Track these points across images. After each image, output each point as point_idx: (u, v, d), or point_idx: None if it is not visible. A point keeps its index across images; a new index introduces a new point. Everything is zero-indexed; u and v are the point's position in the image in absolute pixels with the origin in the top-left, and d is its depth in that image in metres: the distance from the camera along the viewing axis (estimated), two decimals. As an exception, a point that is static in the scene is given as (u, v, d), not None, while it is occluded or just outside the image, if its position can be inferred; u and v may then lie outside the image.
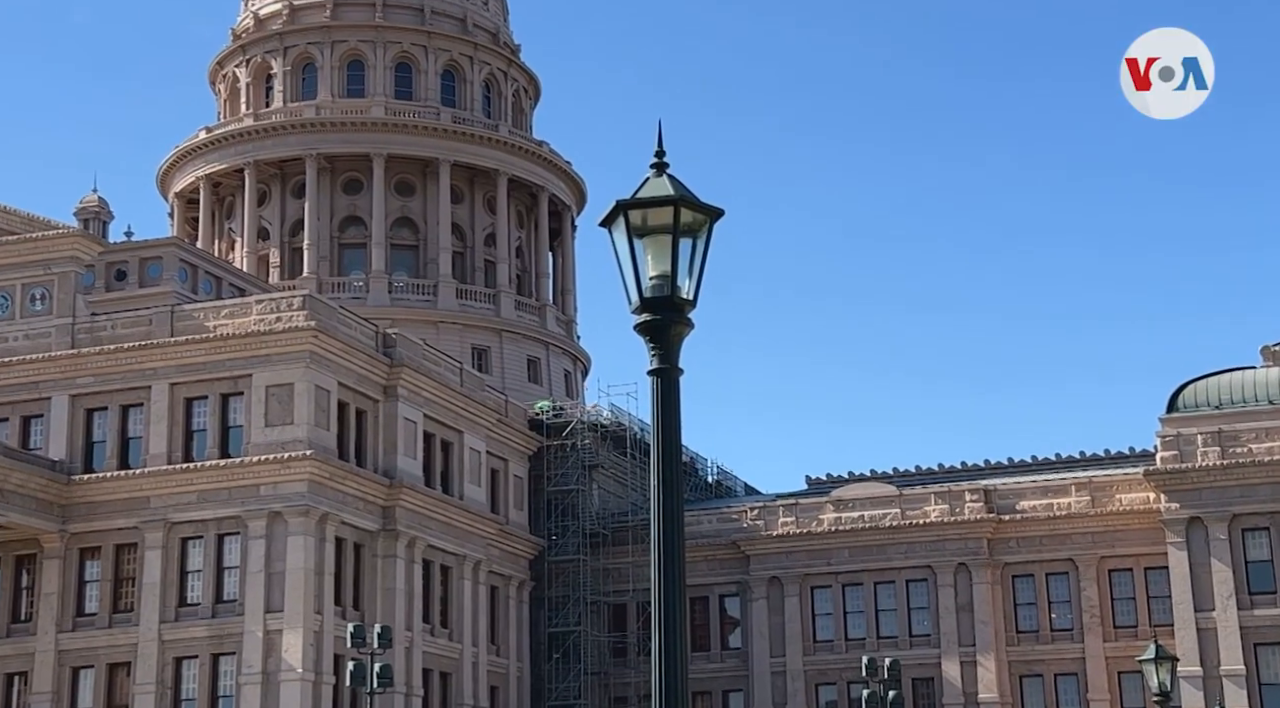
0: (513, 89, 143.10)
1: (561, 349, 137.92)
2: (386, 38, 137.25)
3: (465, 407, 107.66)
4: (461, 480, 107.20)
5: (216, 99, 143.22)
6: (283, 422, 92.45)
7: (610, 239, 18.86)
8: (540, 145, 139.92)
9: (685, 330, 18.81)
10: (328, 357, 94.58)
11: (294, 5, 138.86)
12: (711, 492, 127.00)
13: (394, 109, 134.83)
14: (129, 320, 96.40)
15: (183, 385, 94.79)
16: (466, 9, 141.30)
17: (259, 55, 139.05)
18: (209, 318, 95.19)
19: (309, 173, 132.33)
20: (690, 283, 18.73)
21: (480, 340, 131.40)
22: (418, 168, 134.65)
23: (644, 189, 18.83)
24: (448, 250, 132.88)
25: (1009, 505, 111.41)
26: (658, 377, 18.73)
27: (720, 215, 18.95)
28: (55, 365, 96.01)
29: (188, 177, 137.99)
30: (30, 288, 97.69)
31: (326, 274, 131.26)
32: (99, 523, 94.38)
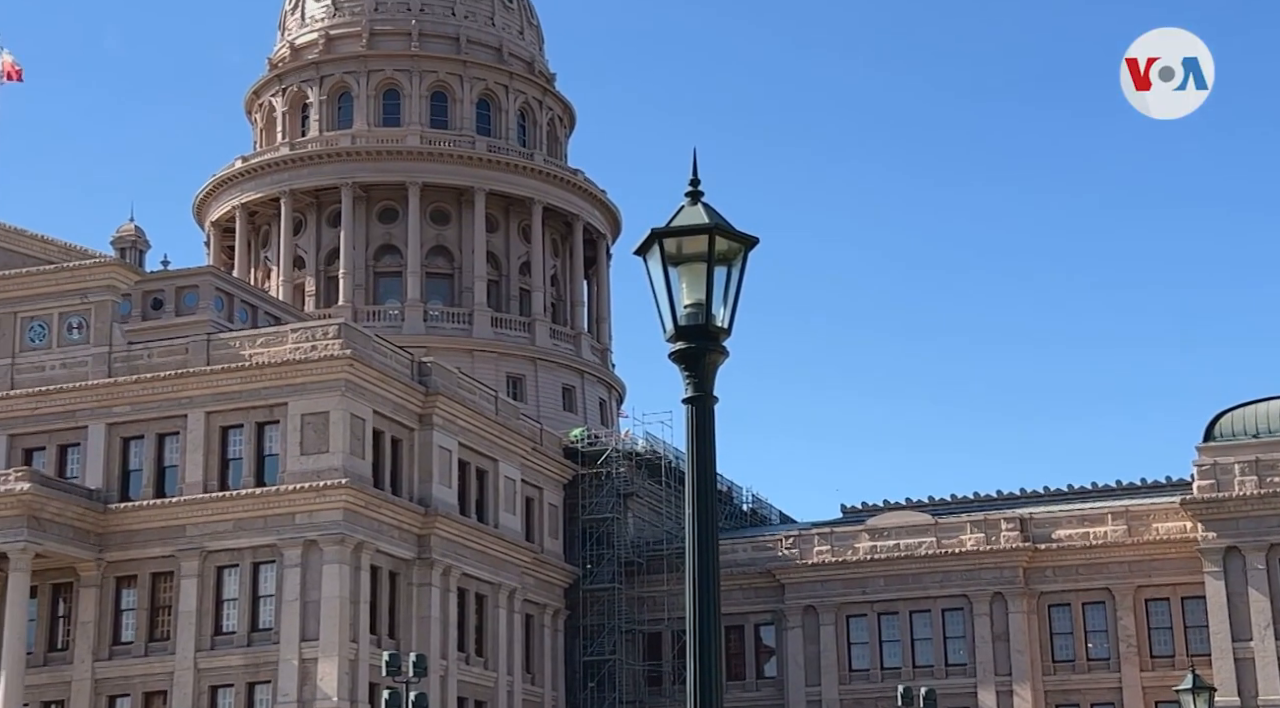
0: (548, 118, 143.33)
1: (596, 377, 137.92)
2: (422, 67, 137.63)
3: (500, 435, 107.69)
4: (496, 509, 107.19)
5: (253, 128, 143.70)
6: (318, 450, 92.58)
7: (645, 267, 18.87)
8: (575, 174, 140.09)
9: (720, 358, 18.80)
10: (363, 385, 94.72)
11: (330, 35, 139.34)
12: (746, 520, 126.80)
13: (429, 138, 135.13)
14: (165, 349, 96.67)
15: (218, 414, 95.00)
16: (502, 38, 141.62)
17: (295, 85, 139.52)
18: (245, 347, 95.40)
19: (345, 202, 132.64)
20: (725, 311, 18.72)
21: (515, 369, 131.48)
22: (453, 196, 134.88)
23: (679, 217, 18.84)
24: (483, 279, 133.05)
25: (1045, 535, 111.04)
26: (692, 405, 18.72)
27: (755, 243, 18.95)
28: (92, 394, 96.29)
29: (224, 206, 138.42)
30: (67, 317, 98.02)
31: (362, 303, 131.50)
32: (135, 552, 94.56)
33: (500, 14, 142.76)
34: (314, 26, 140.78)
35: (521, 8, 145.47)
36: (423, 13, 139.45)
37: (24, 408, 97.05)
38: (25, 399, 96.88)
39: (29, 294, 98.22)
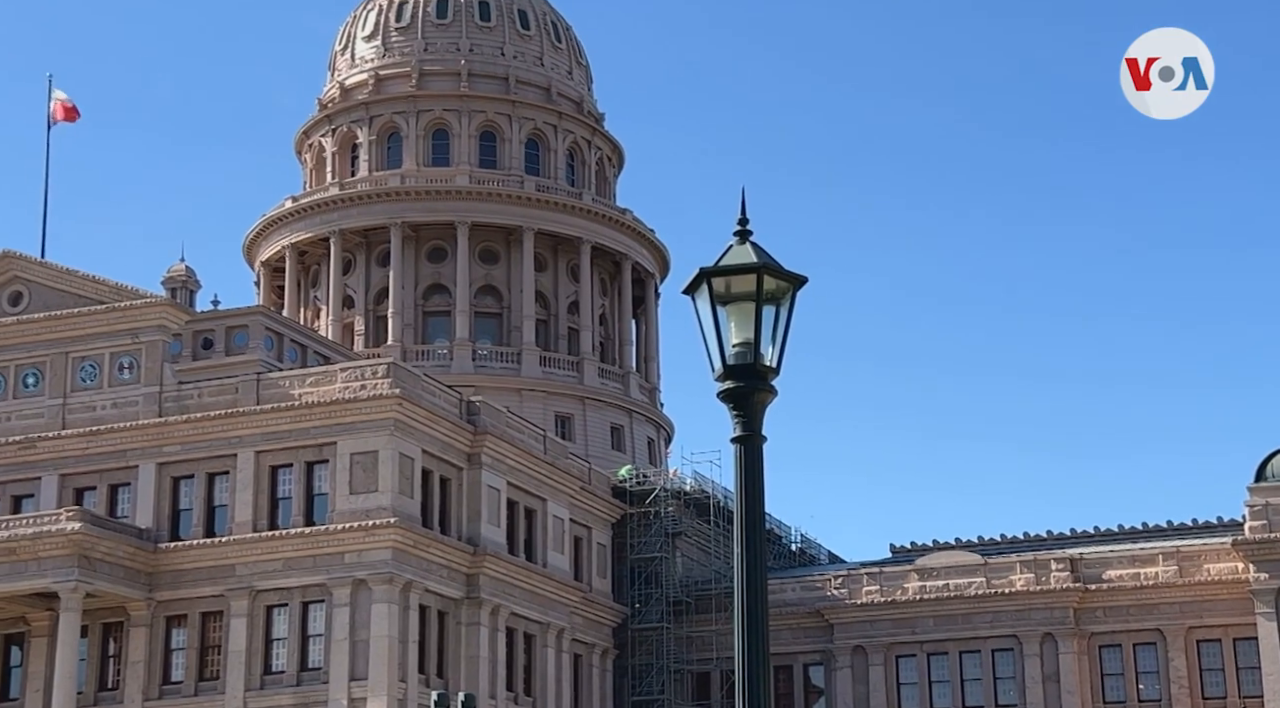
0: (596, 157, 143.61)
1: (645, 416, 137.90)
2: (471, 107, 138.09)
3: (549, 474, 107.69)
4: (545, 548, 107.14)
5: (303, 168, 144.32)
6: (367, 489, 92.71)
7: (694, 306, 18.88)
8: (624, 213, 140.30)
9: (768, 398, 18.78)
10: (412, 424, 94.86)
11: (380, 75, 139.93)
12: (795, 560, 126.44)
13: (478, 177, 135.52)
14: (215, 389, 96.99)
15: (268, 453, 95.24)
16: (551, 78, 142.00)
17: (345, 125, 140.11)
18: (294, 386, 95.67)
19: (394, 241, 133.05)
20: (773, 350, 18.71)
21: (564, 408, 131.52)
22: (502, 236, 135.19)
23: (727, 256, 18.85)
24: (531, 318, 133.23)
25: (1096, 575, 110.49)
26: (741, 444, 18.70)
27: (804, 282, 18.94)
28: (142, 434, 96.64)
29: (274, 245, 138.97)
30: (118, 357, 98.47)
31: (411, 342, 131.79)
32: (185, 591, 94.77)
33: (549, 54, 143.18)
34: (363, 67, 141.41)
35: (570, 48, 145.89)
36: (472, 53, 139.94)
37: (75, 448, 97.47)
38: (76, 439, 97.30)
39: (80, 334, 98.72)
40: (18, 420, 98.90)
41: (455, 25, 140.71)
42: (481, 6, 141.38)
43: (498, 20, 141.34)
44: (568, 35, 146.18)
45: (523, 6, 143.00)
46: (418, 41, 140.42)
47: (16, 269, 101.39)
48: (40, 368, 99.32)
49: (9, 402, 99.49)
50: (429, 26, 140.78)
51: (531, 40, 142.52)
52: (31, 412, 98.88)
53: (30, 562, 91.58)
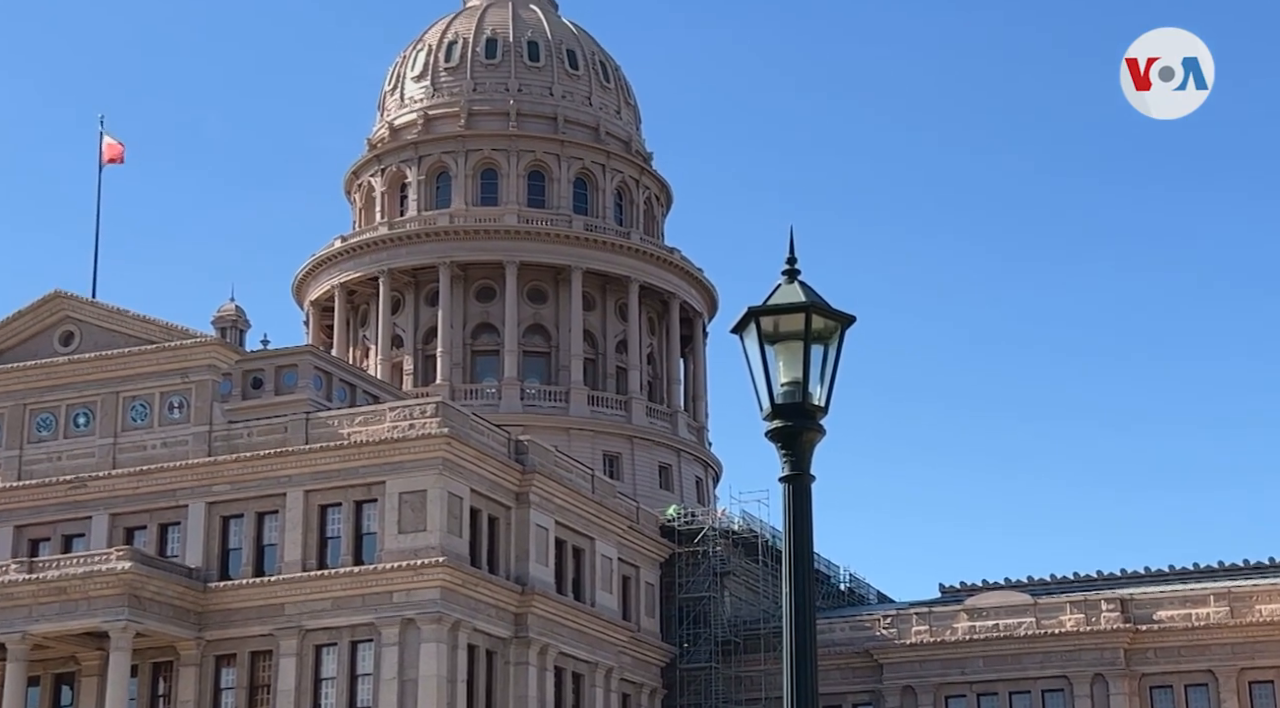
0: (644, 196, 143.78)
1: (693, 456, 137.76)
2: (520, 146, 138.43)
3: (597, 513, 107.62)
4: (593, 587, 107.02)
5: (352, 208, 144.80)
6: (416, 529, 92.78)
7: (742, 345, 18.87)
8: (672, 252, 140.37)
9: (817, 437, 18.76)
10: (460, 464, 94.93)
11: (429, 115, 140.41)
12: (844, 599, 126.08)
13: (527, 217, 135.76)
14: (265, 428, 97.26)
15: (317, 492, 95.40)
16: (599, 118, 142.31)
17: (394, 165, 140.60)
18: (343, 425, 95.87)
19: (442, 281, 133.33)
20: (822, 389, 18.69)
21: (612, 447, 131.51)
22: (550, 275, 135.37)
23: (775, 295, 18.84)
24: (579, 357, 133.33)
25: (1146, 616, 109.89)
26: (789, 483, 18.68)
27: (852, 322, 18.93)
28: (192, 473, 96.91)
29: (323, 285, 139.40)
30: (168, 396, 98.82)
31: (459, 381, 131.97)
32: (234, 630, 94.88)
33: (598, 93, 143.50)
34: (413, 107, 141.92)
35: (619, 87, 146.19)
36: (520, 93, 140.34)
37: (125, 487, 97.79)
38: (127, 478, 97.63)
39: (131, 374, 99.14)
40: (69, 460, 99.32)
41: (504, 65, 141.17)
42: (530, 46, 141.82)
43: (546, 60, 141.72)
44: (616, 75, 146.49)
45: (571, 46, 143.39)
46: (467, 81, 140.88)
47: (68, 309, 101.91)
48: (91, 407, 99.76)
49: (60, 441, 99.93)
50: (478, 67, 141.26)
51: (580, 80, 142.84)
52: (82, 451, 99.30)
53: (80, 601, 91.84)
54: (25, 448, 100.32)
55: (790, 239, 19.36)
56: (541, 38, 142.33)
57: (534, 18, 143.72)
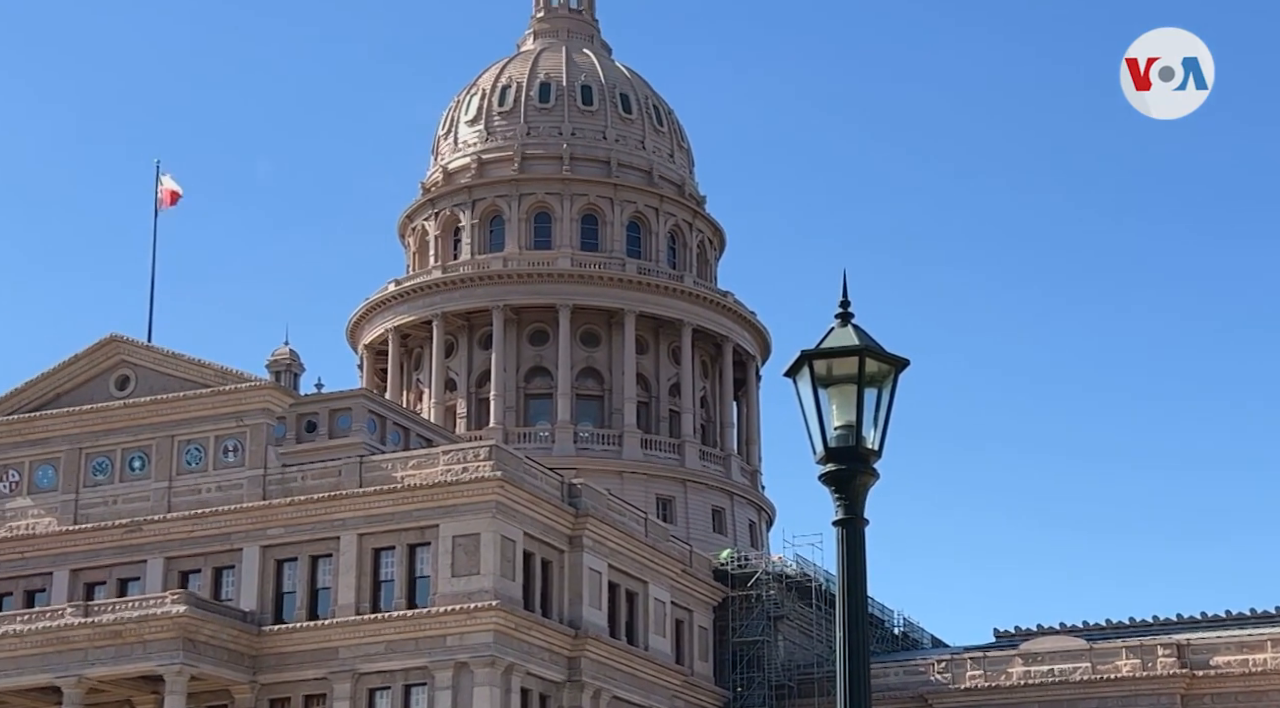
0: (698, 240, 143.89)
1: (746, 499, 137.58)
2: (573, 190, 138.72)
3: (650, 557, 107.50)
4: (646, 631, 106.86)
5: (406, 251, 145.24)
6: (469, 572, 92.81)
7: (795, 389, 18.85)
8: (725, 296, 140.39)
9: (870, 481, 18.72)
10: (514, 507, 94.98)
11: (483, 159, 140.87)
12: (898, 644, 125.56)
13: (580, 260, 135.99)
14: (319, 471, 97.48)
15: (371, 536, 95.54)
16: (653, 161, 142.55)
17: (448, 208, 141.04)
18: (397, 469, 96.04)
19: (496, 324, 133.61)
20: (875, 433, 18.66)
21: (665, 490, 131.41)
22: (603, 318, 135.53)
23: (828, 339, 18.83)
24: (633, 400, 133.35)
25: (1203, 661, 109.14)
26: (843, 527, 18.65)
27: (905, 365, 18.90)
28: (247, 516, 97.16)
29: (377, 328, 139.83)
30: (223, 440, 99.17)
31: (513, 424, 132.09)
32: (288, 674, 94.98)
33: (651, 137, 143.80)
34: (466, 151, 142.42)
35: (672, 131, 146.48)
36: (574, 137, 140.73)
37: (180, 531, 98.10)
38: (182, 522, 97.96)
39: (186, 417, 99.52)
40: (124, 504, 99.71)
41: (558, 109, 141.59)
42: (584, 91, 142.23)
43: (600, 104, 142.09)
44: (669, 119, 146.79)
45: (625, 90, 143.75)
46: (520, 125, 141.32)
47: (124, 353, 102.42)
48: (146, 451, 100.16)
49: (116, 485, 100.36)
50: (532, 110, 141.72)
51: (633, 124, 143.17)
52: (138, 495, 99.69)
53: (136, 645, 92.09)
54: (81, 492, 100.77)
55: (843, 282, 19.36)
56: (595, 82, 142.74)
57: (588, 62, 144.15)
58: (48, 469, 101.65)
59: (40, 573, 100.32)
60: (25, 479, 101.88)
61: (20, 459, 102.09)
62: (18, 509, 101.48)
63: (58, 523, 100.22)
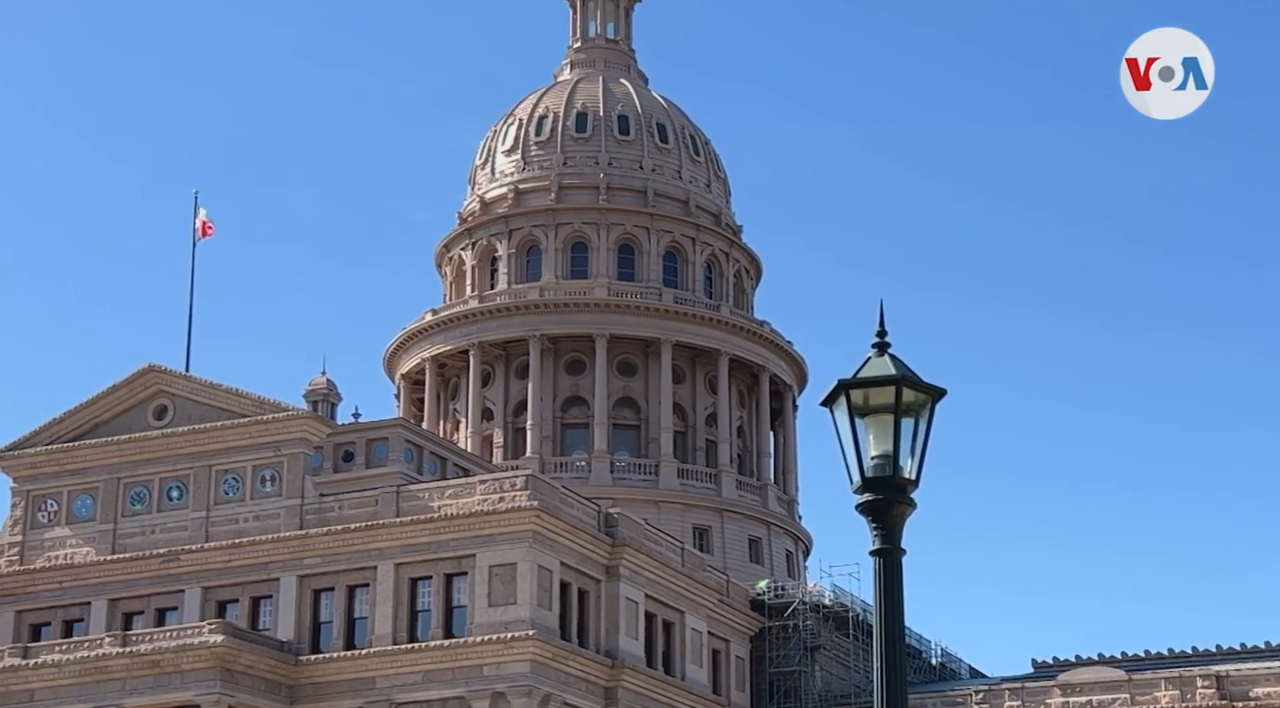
0: (734, 269, 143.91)
1: (783, 529, 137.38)
2: (610, 220, 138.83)
3: (687, 587, 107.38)
4: (683, 661, 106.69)
5: (442, 281, 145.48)
6: (506, 601, 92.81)
7: (832, 418, 18.84)
8: (761, 325, 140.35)
9: (907, 510, 18.70)
10: (550, 536, 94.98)
11: (519, 189, 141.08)
12: (935, 674, 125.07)
13: (616, 290, 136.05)
14: (356, 501, 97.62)
15: (408, 565, 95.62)
16: (689, 191, 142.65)
17: (485, 238, 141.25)
18: (433, 498, 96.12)
19: (532, 354, 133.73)
20: (912, 463, 18.64)
21: (701, 520, 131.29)
22: (640, 348, 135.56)
23: (865, 369, 18.82)
24: (669, 430, 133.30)
25: (1242, 692, 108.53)
26: (880, 557, 18.62)
27: (943, 395, 18.87)
28: (284, 546, 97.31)
29: (414, 358, 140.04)
30: (260, 469, 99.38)
31: (549, 454, 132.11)
32: (326, 704, 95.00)
33: (688, 167, 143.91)
34: (503, 181, 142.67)
35: (709, 160, 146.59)
36: (611, 166, 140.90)
37: (218, 560, 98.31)
38: (219, 552, 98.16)
39: (224, 447, 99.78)
40: (162, 533, 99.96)
41: (594, 139, 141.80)
42: (621, 120, 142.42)
43: (636, 134, 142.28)
44: (706, 148, 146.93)
45: (661, 120, 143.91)
46: (557, 155, 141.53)
47: (162, 383, 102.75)
48: (184, 481, 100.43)
49: (154, 515, 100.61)
50: (568, 141, 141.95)
51: (670, 153, 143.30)
52: (175, 525, 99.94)
53: (173, 675, 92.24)
54: (119, 521, 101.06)
55: (880, 312, 19.36)
56: (632, 112, 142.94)
57: (624, 92, 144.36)
58: (86, 499, 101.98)
59: (78, 603, 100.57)
60: (64, 509, 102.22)
61: (59, 489, 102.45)
62: (56, 539, 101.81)
63: (96, 553, 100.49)
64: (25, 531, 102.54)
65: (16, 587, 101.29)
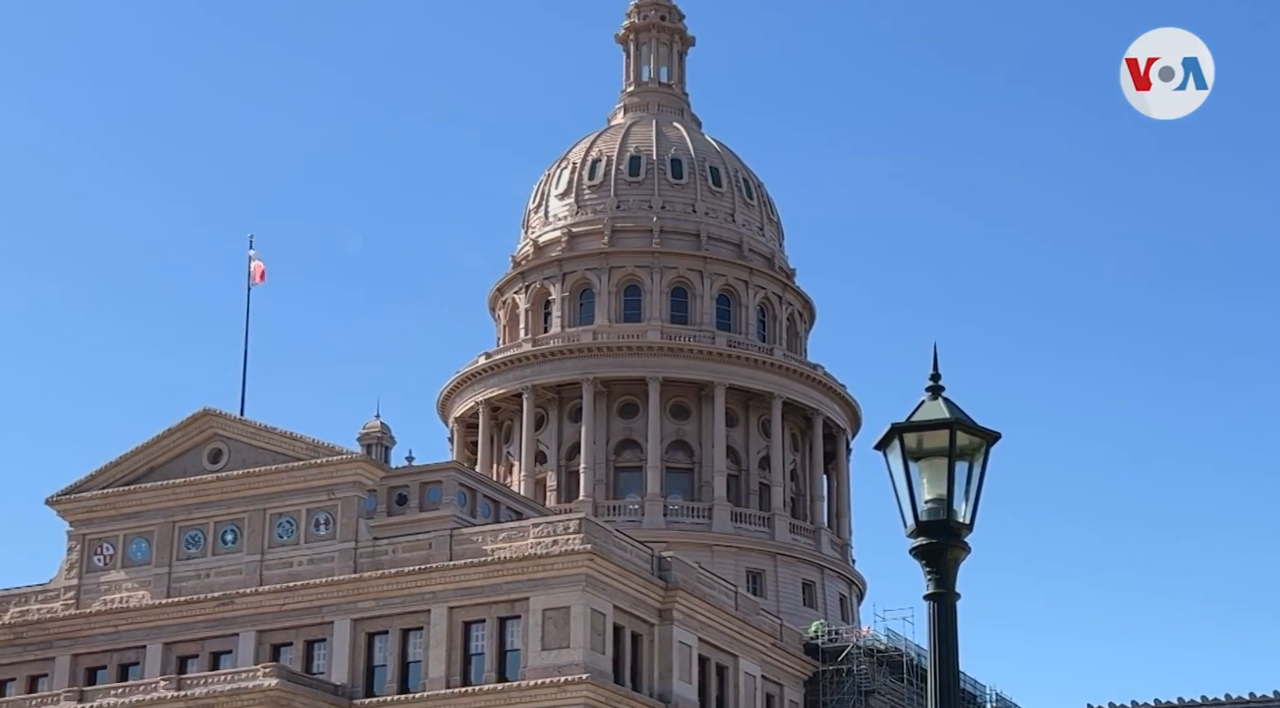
0: (787, 312, 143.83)
1: (836, 572, 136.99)
2: (663, 263, 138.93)
3: (740, 630, 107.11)
4: (736, 705, 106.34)
5: (496, 325, 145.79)
6: (559, 645, 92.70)
7: (885, 462, 18.81)
8: (815, 368, 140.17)
9: (962, 554, 18.64)
10: (604, 580, 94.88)
11: (573, 232, 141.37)
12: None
13: (669, 333, 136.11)
14: (409, 544, 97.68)
15: (461, 609, 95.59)
16: (742, 234, 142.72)
17: (538, 282, 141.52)
18: (487, 541, 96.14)
19: (586, 397, 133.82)
20: (967, 506, 18.59)
21: (755, 564, 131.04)
22: (693, 391, 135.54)
23: (919, 412, 18.79)
24: (722, 473, 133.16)
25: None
26: (934, 601, 18.56)
27: (997, 438, 18.82)
28: (338, 590, 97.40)
29: (467, 401, 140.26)
30: (315, 512, 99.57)
31: (602, 497, 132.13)
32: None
33: (741, 210, 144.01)
34: (557, 224, 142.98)
35: (762, 204, 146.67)
36: (664, 210, 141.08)
37: (272, 604, 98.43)
38: (273, 595, 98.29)
39: (278, 491, 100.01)
40: (216, 577, 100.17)
41: (647, 183, 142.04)
42: (674, 164, 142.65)
43: (689, 177, 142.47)
44: (759, 192, 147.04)
45: (714, 163, 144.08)
46: (610, 199, 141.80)
47: (216, 427, 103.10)
48: (239, 525, 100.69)
49: (208, 558, 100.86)
50: (621, 184, 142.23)
51: (723, 197, 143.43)
52: (230, 568, 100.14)
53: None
54: (174, 565, 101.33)
55: (934, 355, 19.33)
56: (685, 155, 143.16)
57: (677, 135, 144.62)
58: (141, 542, 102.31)
59: (134, 646, 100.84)
60: (119, 552, 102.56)
61: (115, 533, 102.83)
62: (112, 582, 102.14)
63: (151, 596, 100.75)
64: (81, 574, 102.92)
65: (72, 630, 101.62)
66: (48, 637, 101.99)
